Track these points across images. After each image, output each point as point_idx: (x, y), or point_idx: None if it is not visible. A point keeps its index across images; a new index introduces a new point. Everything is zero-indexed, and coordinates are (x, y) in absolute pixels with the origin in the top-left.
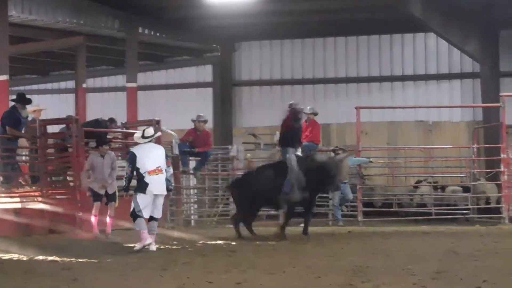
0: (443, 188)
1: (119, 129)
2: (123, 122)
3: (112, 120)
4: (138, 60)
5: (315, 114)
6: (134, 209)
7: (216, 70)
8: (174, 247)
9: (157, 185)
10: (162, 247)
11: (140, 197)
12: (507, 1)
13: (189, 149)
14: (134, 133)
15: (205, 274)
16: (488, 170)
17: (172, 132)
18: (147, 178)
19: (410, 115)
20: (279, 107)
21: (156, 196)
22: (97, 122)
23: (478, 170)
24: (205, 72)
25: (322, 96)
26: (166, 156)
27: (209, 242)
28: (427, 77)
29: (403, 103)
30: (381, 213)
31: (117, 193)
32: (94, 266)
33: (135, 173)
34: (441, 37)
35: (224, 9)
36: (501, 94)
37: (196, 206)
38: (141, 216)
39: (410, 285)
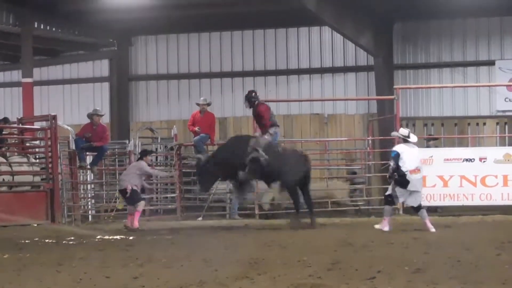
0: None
1: (14, 125)
2: (19, 117)
3: (5, 120)
4: (34, 55)
5: (209, 104)
6: (390, 194)
7: (113, 64)
8: (71, 242)
9: (416, 183)
10: (58, 242)
11: (398, 189)
12: None
13: (86, 144)
14: (29, 128)
15: (102, 269)
16: (383, 162)
17: (69, 128)
18: (409, 176)
19: (305, 108)
20: (176, 101)
21: (411, 192)
22: None
23: (373, 162)
24: (102, 67)
25: (219, 90)
26: None
27: (106, 237)
28: (322, 70)
29: (298, 96)
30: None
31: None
32: None
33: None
34: (336, 30)
35: (120, 2)
36: (395, 86)
37: (93, 201)
38: (391, 204)
39: (306, 277)
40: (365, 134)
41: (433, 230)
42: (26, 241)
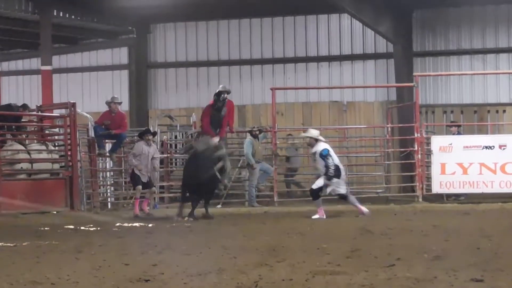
0: None
1: (33, 113)
2: (38, 105)
3: (25, 107)
4: (53, 42)
5: (228, 92)
6: (320, 188)
7: (132, 52)
8: (90, 229)
9: (343, 171)
10: (77, 229)
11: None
12: None
13: (105, 132)
14: (48, 116)
15: (121, 256)
16: (402, 150)
17: (88, 115)
18: (340, 167)
19: (324, 95)
20: (195, 88)
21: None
22: (9, 107)
23: (392, 150)
24: (121, 54)
25: (238, 78)
26: None
27: (125, 224)
28: (341, 58)
29: (317, 83)
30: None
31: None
32: (10, 249)
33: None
34: (355, 17)
35: None
36: (414, 74)
37: (112, 188)
38: (318, 197)
39: (325, 264)
40: (384, 122)
41: (366, 210)
42: (45, 228)
